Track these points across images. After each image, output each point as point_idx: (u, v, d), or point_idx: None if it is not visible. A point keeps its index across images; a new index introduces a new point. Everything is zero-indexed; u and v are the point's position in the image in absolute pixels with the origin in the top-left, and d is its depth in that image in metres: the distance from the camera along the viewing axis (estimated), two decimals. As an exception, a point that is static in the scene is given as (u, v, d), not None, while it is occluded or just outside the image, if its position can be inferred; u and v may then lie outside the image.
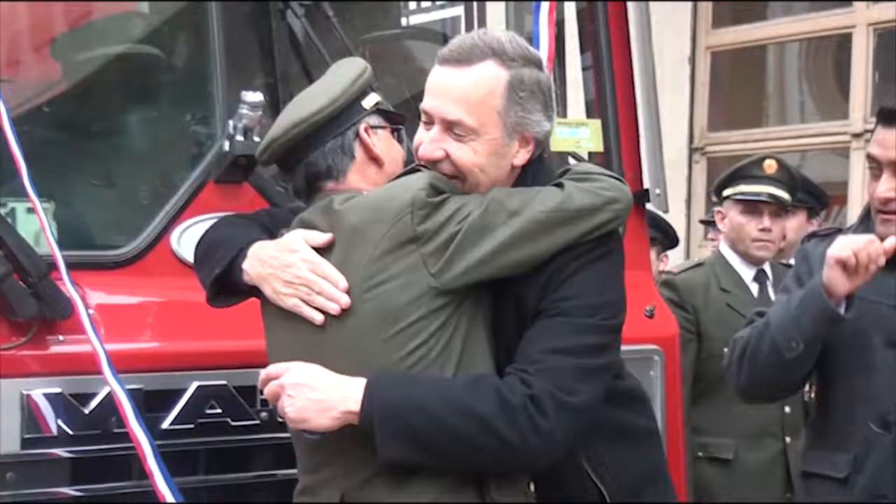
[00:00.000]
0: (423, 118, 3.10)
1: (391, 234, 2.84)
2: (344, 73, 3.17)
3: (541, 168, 3.20)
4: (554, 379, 2.86)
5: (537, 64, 3.14)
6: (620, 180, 3.03)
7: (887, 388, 3.54)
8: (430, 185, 2.89)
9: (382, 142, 3.11)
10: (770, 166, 5.46)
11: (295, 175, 3.07)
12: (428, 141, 3.06)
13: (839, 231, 3.79)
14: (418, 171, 3.03)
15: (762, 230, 5.35)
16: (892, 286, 3.56)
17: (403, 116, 3.18)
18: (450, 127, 3.00)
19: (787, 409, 5.04)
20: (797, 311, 3.50)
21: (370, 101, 3.11)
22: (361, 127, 3.06)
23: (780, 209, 5.38)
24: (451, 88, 3.09)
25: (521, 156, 3.09)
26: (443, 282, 2.81)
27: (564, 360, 2.92)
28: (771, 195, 5.38)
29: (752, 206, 5.38)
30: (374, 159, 3.07)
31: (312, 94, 3.18)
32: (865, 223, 3.68)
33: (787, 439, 5.05)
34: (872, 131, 3.67)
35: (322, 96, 3.11)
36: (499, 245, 2.84)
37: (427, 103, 3.09)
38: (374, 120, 3.10)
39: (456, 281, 2.82)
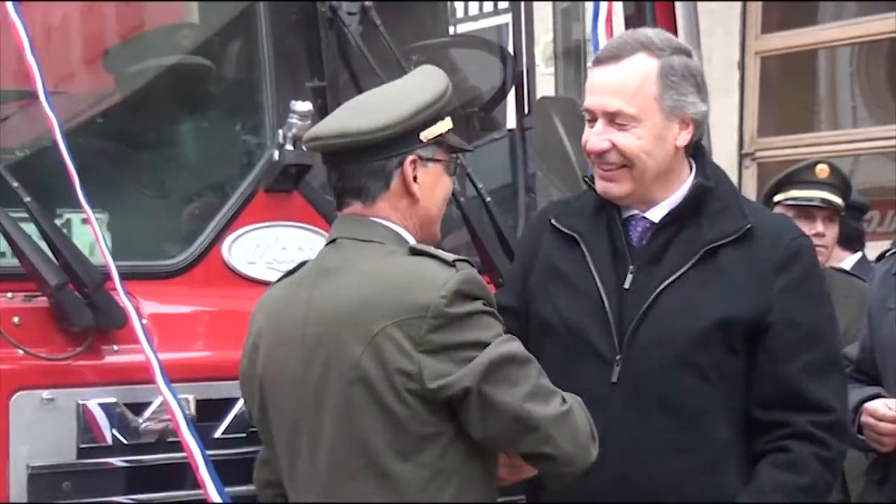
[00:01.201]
0: (588, 117, 3.21)
1: (390, 333, 2.78)
2: (415, 96, 3.01)
3: (700, 151, 3.31)
4: None
5: (686, 52, 3.27)
6: None
7: None
8: (454, 293, 2.79)
9: (429, 176, 2.98)
10: (822, 171, 5.41)
11: (329, 175, 3.04)
12: (594, 134, 3.17)
13: None
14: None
15: (816, 235, 5.15)
16: None
17: (468, 149, 3.11)
18: (612, 118, 3.12)
19: None
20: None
21: (432, 132, 2.96)
22: (408, 158, 2.94)
23: (833, 213, 5.30)
24: (608, 83, 3.21)
25: (683, 137, 3.18)
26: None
27: None
28: (824, 200, 5.31)
29: (804, 212, 5.30)
30: (410, 194, 2.96)
31: (376, 104, 3.06)
32: None
33: None
34: None
35: (381, 115, 2.97)
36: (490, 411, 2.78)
37: (588, 101, 3.22)
38: (427, 152, 2.96)
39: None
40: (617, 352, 3.14)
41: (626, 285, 3.20)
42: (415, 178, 2.92)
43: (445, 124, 2.98)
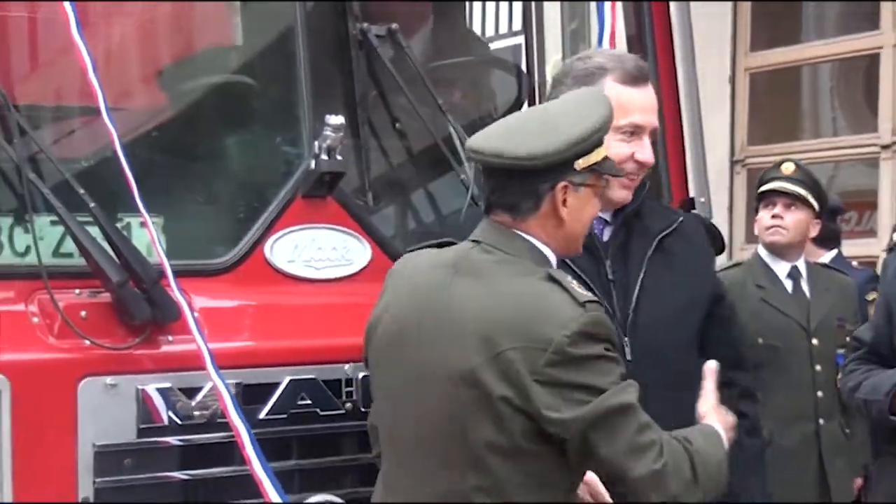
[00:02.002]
0: (628, 132, 3.20)
1: (511, 356, 2.70)
2: (577, 125, 2.89)
3: None
4: None
5: None
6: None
7: None
8: (577, 334, 2.71)
9: (579, 201, 2.87)
10: (787, 168, 5.48)
11: (484, 180, 2.98)
12: (645, 148, 3.23)
13: None
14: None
15: (773, 217, 5.34)
16: None
17: (619, 175, 3.04)
18: (648, 133, 3.25)
19: (819, 393, 5.07)
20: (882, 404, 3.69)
21: (588, 160, 2.85)
22: (560, 184, 2.84)
23: (794, 200, 5.34)
24: (650, 102, 3.29)
25: None
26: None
27: None
28: (781, 188, 5.37)
29: (768, 200, 5.40)
30: (558, 217, 2.86)
31: (538, 129, 2.93)
32: None
33: (821, 421, 5.05)
34: None
35: (541, 143, 2.86)
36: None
37: (638, 119, 3.22)
38: (580, 178, 2.86)
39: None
40: (624, 334, 3.19)
41: (610, 276, 3.25)
42: (564, 202, 2.83)
43: (601, 152, 2.87)
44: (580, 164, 2.81)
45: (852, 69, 8.52)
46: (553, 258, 2.88)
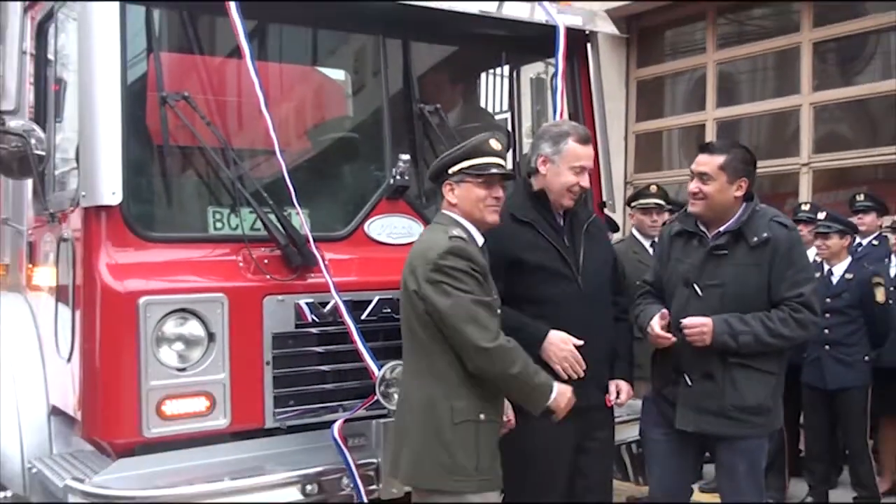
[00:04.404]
0: (579, 169, 3.25)
1: (418, 270, 2.89)
2: (448, 154, 3.09)
3: None
4: None
5: None
6: None
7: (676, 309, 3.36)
8: (446, 252, 2.86)
9: (459, 190, 3.01)
10: (654, 188, 5.56)
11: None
12: (586, 179, 3.29)
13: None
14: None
15: (654, 222, 5.40)
16: (687, 251, 3.41)
17: (484, 170, 2.97)
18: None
19: None
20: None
21: (459, 167, 3.01)
22: (445, 184, 3.04)
23: (661, 210, 5.46)
24: (591, 154, 3.36)
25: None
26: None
27: None
28: (656, 203, 5.47)
29: (646, 211, 5.46)
30: (451, 202, 3.04)
31: (436, 159, 3.18)
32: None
33: None
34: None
35: (434, 164, 3.14)
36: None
37: (585, 163, 3.28)
38: (456, 179, 3.00)
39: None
40: (577, 276, 3.27)
41: (567, 244, 3.30)
42: (452, 191, 3.02)
43: (471, 161, 2.98)
44: (454, 168, 3.00)
45: (691, 133, 8.37)
46: (469, 225, 3.00)
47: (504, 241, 3.20)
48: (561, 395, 2.95)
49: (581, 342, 3.15)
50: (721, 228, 3.32)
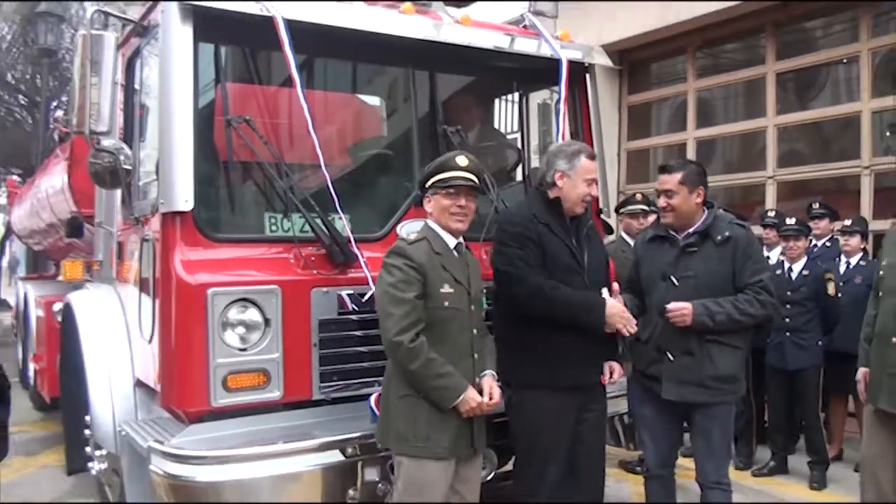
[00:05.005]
0: (591, 181, 3.23)
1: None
2: (428, 167, 3.07)
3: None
4: None
5: None
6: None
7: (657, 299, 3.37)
8: (389, 252, 2.90)
9: (432, 201, 3.01)
10: (638, 196, 5.49)
11: None
12: (595, 190, 3.28)
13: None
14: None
15: (640, 224, 5.28)
16: (660, 252, 3.42)
17: (449, 186, 2.96)
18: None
19: None
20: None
21: (431, 181, 2.99)
22: (425, 196, 3.05)
23: (647, 214, 5.29)
24: (597, 168, 3.35)
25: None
26: None
27: None
28: (642, 208, 5.33)
29: (633, 215, 5.41)
30: (427, 211, 3.05)
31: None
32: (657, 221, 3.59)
33: None
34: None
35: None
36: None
37: (595, 175, 3.28)
38: (431, 191, 3.00)
39: None
40: (583, 270, 3.22)
41: (575, 244, 3.24)
42: (429, 202, 3.03)
43: (436, 178, 2.97)
44: (429, 184, 3.00)
45: (674, 150, 8.21)
46: (440, 231, 2.99)
47: (539, 233, 3.20)
48: (464, 402, 2.85)
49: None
50: (690, 230, 3.37)
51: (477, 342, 2.99)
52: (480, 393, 2.93)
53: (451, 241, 3.02)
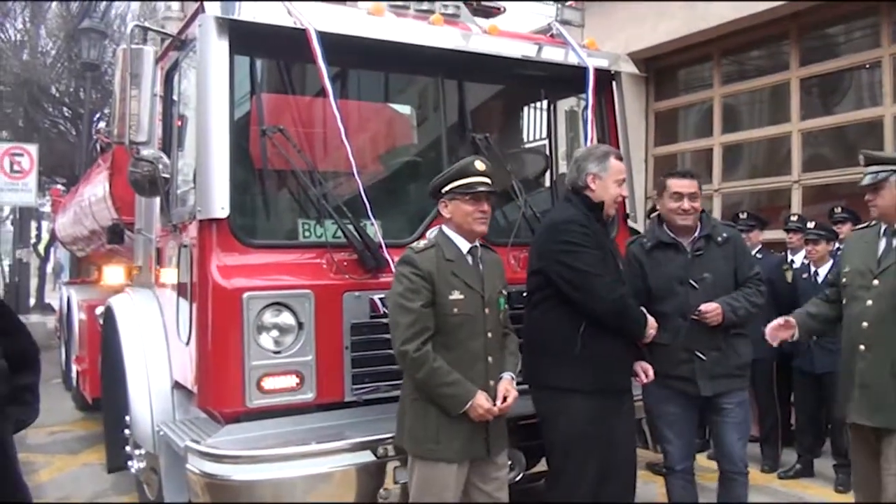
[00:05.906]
0: (622, 181, 3.20)
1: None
2: (446, 172, 3.01)
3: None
4: None
5: None
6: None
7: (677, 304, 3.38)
8: (399, 261, 2.88)
9: (451, 206, 2.94)
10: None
11: None
12: (625, 190, 3.28)
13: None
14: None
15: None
16: (667, 258, 3.44)
17: (469, 192, 2.90)
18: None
19: None
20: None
21: (450, 186, 2.94)
22: (440, 201, 2.98)
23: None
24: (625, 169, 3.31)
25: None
26: None
27: None
28: None
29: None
30: (444, 216, 2.99)
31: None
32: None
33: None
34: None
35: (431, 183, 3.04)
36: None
37: (624, 176, 3.25)
38: (448, 197, 2.93)
39: None
40: (618, 270, 3.18)
41: (608, 244, 3.22)
42: (446, 207, 2.96)
43: (456, 183, 2.90)
44: (445, 189, 2.93)
45: (701, 156, 8.17)
46: (455, 236, 2.93)
47: (594, 231, 3.17)
48: (472, 408, 2.80)
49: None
50: (696, 235, 3.50)
51: (491, 345, 2.92)
52: (495, 396, 2.88)
53: (465, 246, 2.97)
